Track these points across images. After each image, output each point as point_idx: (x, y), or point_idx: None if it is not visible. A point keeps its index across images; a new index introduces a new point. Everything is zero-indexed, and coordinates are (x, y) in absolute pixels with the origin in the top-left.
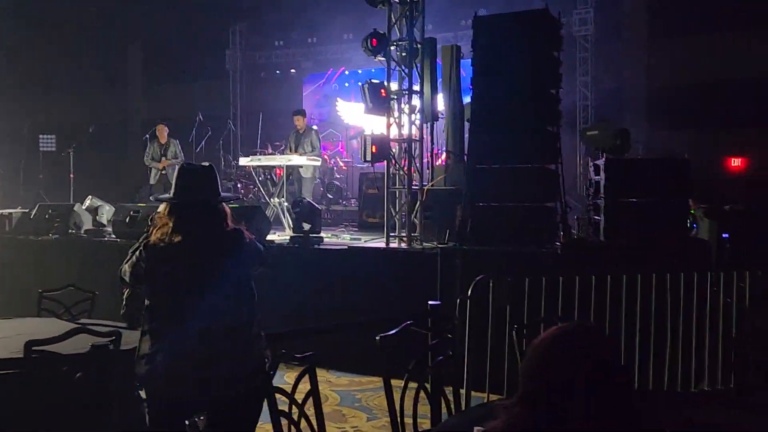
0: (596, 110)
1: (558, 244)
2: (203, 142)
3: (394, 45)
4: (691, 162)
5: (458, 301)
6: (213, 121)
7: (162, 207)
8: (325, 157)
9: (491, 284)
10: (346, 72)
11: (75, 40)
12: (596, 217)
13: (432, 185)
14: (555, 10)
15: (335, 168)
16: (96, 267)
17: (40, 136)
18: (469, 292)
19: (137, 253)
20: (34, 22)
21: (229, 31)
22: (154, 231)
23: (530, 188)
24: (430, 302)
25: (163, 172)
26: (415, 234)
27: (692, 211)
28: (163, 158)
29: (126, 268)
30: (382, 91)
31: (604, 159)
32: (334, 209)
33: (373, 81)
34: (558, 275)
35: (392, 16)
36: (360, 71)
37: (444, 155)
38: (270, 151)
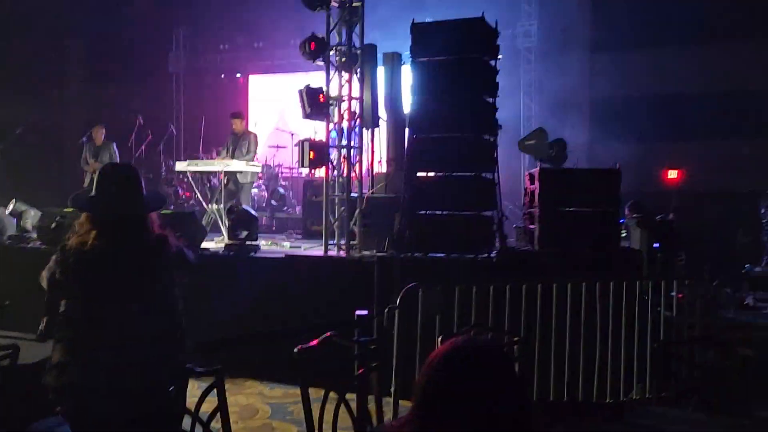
0: (539, 121)
1: (494, 253)
2: (143, 146)
3: (333, 50)
4: (630, 173)
5: (387, 309)
6: (154, 124)
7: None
8: (270, 163)
9: (420, 292)
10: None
11: (10, 33)
12: (531, 226)
13: (372, 193)
14: (500, 20)
15: (280, 174)
16: (17, 274)
17: None
18: (398, 301)
19: (54, 257)
20: None
21: (172, 33)
22: (73, 236)
23: (467, 197)
24: (356, 311)
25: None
26: (354, 242)
27: (626, 221)
28: (93, 160)
29: (44, 273)
30: (321, 96)
31: (538, 168)
32: (279, 216)
33: (311, 86)
34: (492, 283)
35: (331, 20)
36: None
37: (385, 162)
38: (214, 156)
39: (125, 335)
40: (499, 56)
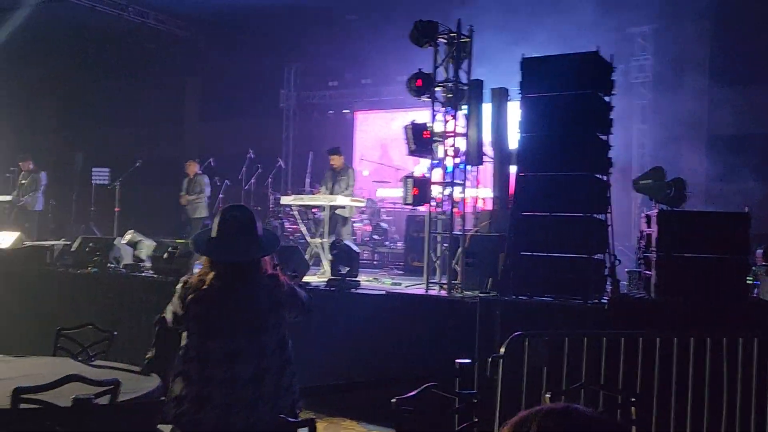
0: (653, 159)
1: (605, 299)
2: (253, 179)
3: (439, 86)
4: (756, 216)
5: (490, 359)
6: (264, 158)
7: None
8: (374, 198)
9: (527, 342)
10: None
11: (134, 76)
12: (647, 272)
13: (476, 231)
14: (613, 55)
15: (383, 209)
16: (131, 303)
17: (94, 168)
18: (502, 350)
19: (177, 293)
20: (94, 57)
21: (284, 70)
22: (194, 275)
23: (577, 238)
24: (458, 360)
25: (187, 206)
26: (456, 281)
27: (754, 269)
28: (184, 194)
29: (169, 308)
30: (425, 132)
31: (656, 210)
32: (380, 251)
33: (417, 122)
34: (603, 333)
35: (438, 56)
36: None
37: (490, 200)
38: (318, 190)
39: (236, 372)
40: (614, 92)
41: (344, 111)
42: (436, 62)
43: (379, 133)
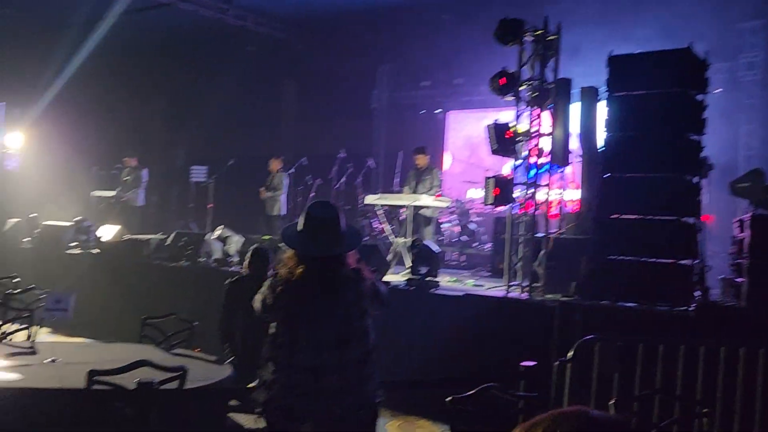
0: (762, 161)
1: (692, 306)
2: (343, 179)
3: (525, 85)
4: None
5: (557, 362)
6: (355, 158)
7: None
8: (463, 198)
9: (597, 346)
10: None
11: (234, 76)
12: (738, 280)
13: (560, 233)
14: (720, 52)
15: (472, 211)
16: (219, 296)
17: (192, 167)
18: (572, 354)
19: (267, 284)
20: (196, 58)
21: (376, 70)
22: (283, 267)
23: (664, 243)
24: (523, 363)
25: (266, 203)
26: (538, 284)
27: None
28: (263, 189)
29: (258, 297)
30: (508, 132)
31: (750, 214)
32: (469, 252)
33: (499, 122)
34: (680, 340)
35: (524, 54)
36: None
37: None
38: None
39: (324, 360)
40: (717, 90)
41: (436, 111)
42: (521, 61)
43: (470, 133)
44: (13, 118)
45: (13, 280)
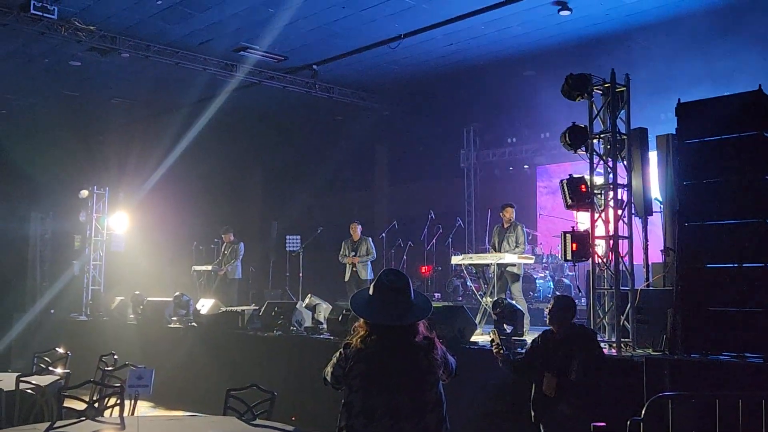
0: None
1: None
2: (434, 240)
3: (597, 137)
4: None
5: (628, 422)
6: (444, 218)
7: None
8: (556, 253)
9: (670, 404)
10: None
11: (324, 146)
12: None
13: (647, 285)
14: None
15: (566, 265)
16: (311, 363)
17: (287, 236)
18: (643, 413)
19: (338, 354)
20: (286, 133)
21: (463, 130)
22: (354, 336)
23: (753, 291)
24: (594, 424)
25: (354, 269)
26: (627, 339)
27: None
28: (352, 254)
29: (328, 369)
30: (582, 186)
31: None
32: None
33: (573, 176)
34: (761, 394)
35: (594, 107)
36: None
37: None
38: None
39: (400, 428)
40: None
41: (524, 166)
42: (591, 114)
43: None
44: (116, 201)
45: (114, 357)
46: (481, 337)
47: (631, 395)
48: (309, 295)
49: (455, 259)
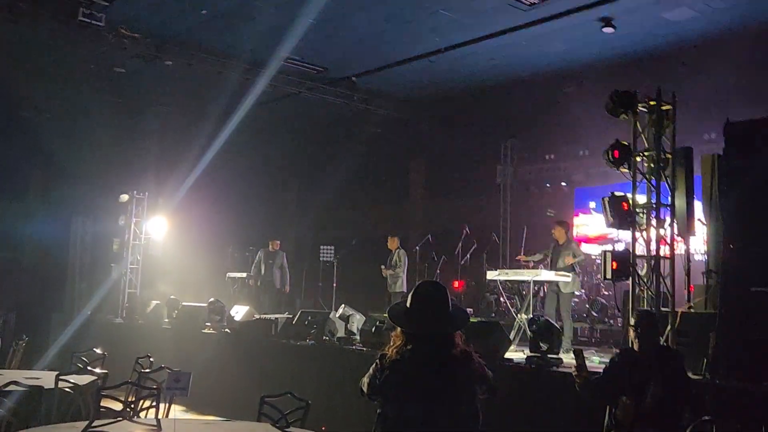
0: None
1: None
2: (468, 255)
3: (640, 155)
4: None
5: None
6: (480, 233)
7: None
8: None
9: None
10: None
11: (361, 158)
12: None
13: (689, 307)
14: None
15: (602, 284)
16: (343, 373)
17: (321, 247)
18: None
19: (374, 365)
20: (323, 143)
21: (500, 146)
22: (390, 347)
23: None
24: None
25: (387, 280)
26: None
27: None
28: (383, 266)
29: (365, 380)
30: (624, 204)
31: None
32: (600, 328)
33: (616, 194)
34: None
35: (638, 125)
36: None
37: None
38: (532, 265)
39: None
40: None
41: (562, 184)
42: (635, 132)
43: (597, 205)
44: (155, 206)
45: (150, 359)
46: (516, 354)
47: None
48: (342, 305)
49: (491, 275)
